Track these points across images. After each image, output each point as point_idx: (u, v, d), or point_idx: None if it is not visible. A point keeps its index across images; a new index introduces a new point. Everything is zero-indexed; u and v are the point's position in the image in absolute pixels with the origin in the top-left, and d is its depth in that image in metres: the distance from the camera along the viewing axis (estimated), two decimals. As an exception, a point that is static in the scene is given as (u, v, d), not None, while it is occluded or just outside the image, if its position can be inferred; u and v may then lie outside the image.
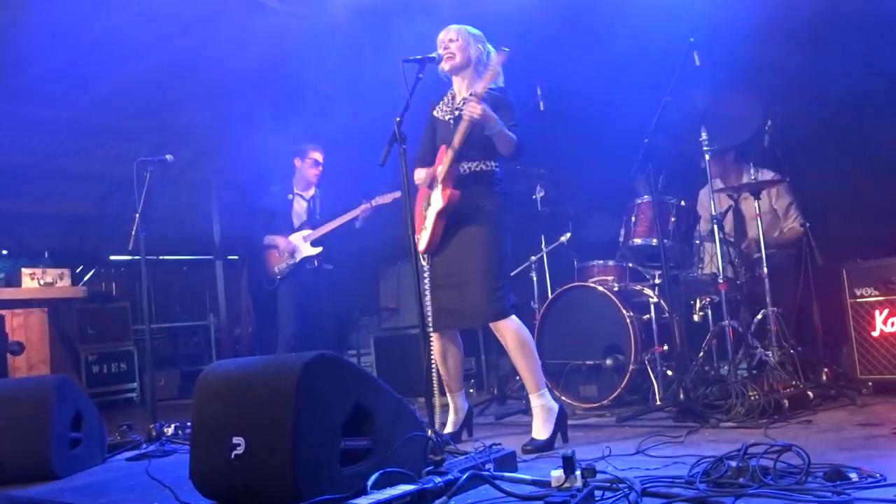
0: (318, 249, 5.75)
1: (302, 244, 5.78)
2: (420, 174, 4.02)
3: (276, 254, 5.83)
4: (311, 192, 5.98)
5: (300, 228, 5.85)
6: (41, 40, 5.71)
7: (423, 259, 3.97)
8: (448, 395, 4.06)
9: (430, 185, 3.90)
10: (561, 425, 3.78)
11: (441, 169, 3.83)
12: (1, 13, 5.58)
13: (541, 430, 3.70)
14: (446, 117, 3.99)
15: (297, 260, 5.76)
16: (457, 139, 3.72)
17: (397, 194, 5.37)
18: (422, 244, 3.92)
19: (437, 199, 3.84)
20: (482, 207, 3.84)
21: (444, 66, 3.90)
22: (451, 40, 3.91)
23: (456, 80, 4.01)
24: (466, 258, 3.80)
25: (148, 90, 7.02)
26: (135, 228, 5.01)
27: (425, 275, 4.13)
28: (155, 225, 5.26)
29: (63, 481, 3.78)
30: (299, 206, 5.95)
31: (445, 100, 4.04)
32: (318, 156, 5.93)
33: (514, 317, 3.76)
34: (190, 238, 8.95)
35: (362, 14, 6.13)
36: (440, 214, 3.82)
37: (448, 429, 4.02)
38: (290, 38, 6.37)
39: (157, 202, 5.19)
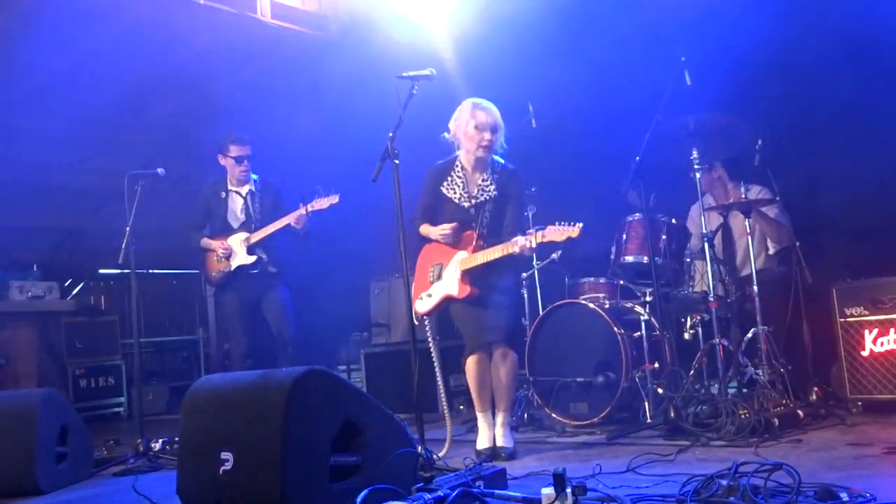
0: (254, 258, 5.25)
1: (238, 250, 5.29)
2: (434, 230, 4.14)
3: (213, 258, 5.37)
4: (247, 187, 5.42)
5: (239, 230, 5.35)
6: (32, 53, 5.71)
7: (423, 321, 4.23)
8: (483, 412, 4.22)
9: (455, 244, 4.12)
10: None
11: (468, 258, 4.05)
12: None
13: (509, 438, 4.11)
14: (464, 203, 4.14)
15: (233, 268, 5.29)
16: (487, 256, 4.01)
17: (335, 199, 5.03)
18: (424, 306, 4.18)
19: (454, 285, 4.05)
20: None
21: (480, 153, 4.05)
22: (493, 132, 4.05)
23: (467, 160, 4.14)
24: (494, 291, 4.07)
25: (140, 103, 7.01)
26: (125, 242, 5.00)
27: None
28: (145, 239, 5.23)
29: (48, 496, 3.76)
30: (235, 205, 5.42)
31: (454, 178, 4.17)
32: (238, 150, 5.33)
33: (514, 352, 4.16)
34: (180, 252, 8.91)
35: (359, 30, 6.16)
36: (447, 300, 4.12)
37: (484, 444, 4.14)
38: (285, 53, 6.38)
39: (147, 216, 5.14)
